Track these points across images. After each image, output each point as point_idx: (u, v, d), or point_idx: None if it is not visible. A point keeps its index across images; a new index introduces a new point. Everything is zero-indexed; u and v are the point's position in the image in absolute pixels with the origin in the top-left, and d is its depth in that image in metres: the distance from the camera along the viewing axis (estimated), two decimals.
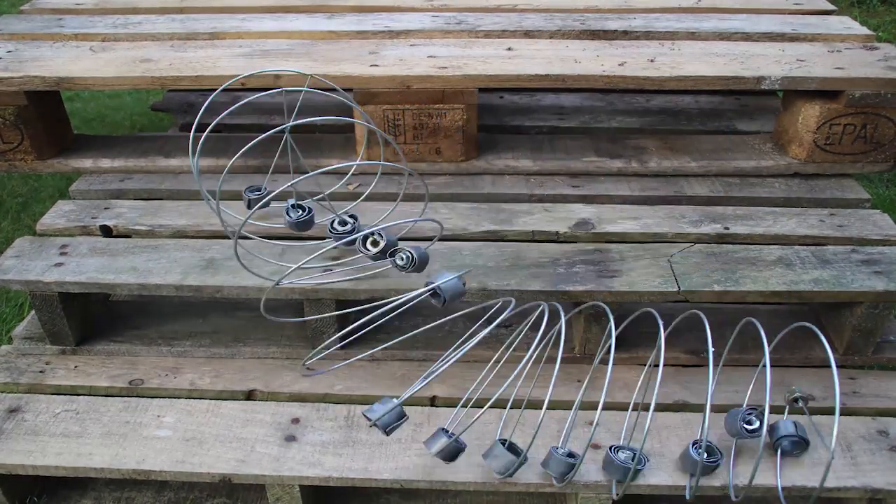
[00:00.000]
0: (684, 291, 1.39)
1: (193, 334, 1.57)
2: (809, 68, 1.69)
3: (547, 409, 1.10)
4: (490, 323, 1.14)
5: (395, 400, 1.15)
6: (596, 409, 1.07)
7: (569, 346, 1.53)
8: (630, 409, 1.30)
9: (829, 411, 1.39)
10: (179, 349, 1.53)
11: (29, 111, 1.73)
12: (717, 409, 1.40)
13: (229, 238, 1.52)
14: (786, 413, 1.32)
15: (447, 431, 1.16)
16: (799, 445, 1.23)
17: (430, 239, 1.48)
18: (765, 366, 1.08)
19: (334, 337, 1.48)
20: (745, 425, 1.23)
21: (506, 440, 1.22)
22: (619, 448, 1.21)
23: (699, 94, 2.30)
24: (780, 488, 1.19)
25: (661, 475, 1.24)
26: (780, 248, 1.51)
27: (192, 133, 1.43)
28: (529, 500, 1.38)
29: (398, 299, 1.24)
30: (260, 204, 1.39)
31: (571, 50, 1.81)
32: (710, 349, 1.08)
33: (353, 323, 1.36)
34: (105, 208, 1.67)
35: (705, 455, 1.17)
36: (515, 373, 1.07)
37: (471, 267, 1.44)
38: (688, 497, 1.17)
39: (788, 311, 1.62)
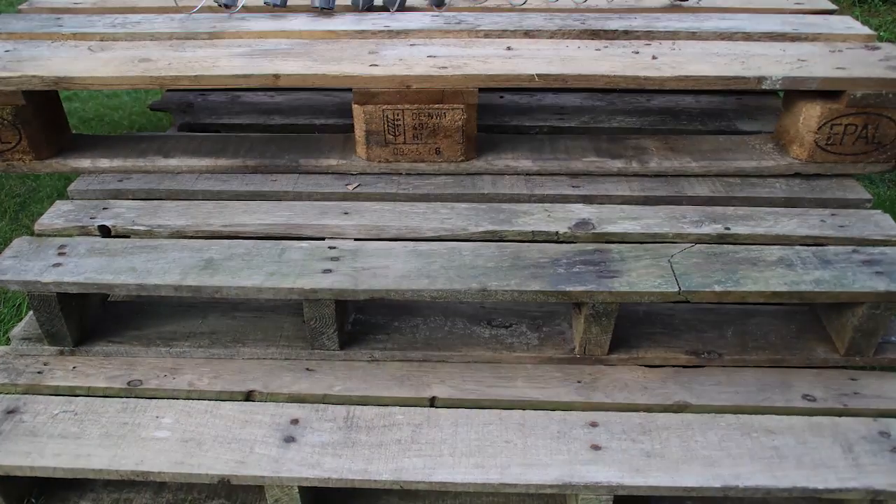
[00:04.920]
0: (685, 292, 1.38)
1: (192, 335, 1.56)
2: (810, 68, 1.69)
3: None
4: None
5: None
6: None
7: (568, 346, 1.53)
8: None
9: (829, 413, 1.38)
10: (178, 350, 1.53)
11: (27, 111, 1.72)
12: (717, 410, 1.40)
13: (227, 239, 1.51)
14: None
15: None
16: None
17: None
18: None
19: None
20: None
21: None
22: None
23: (700, 93, 2.29)
24: None
25: (660, 476, 1.23)
26: (781, 249, 1.51)
27: None
28: (529, 500, 1.37)
29: None
30: None
31: (572, 49, 1.81)
32: None
33: (350, 324, 1.35)
34: (103, 208, 1.67)
35: None
36: None
37: (471, 267, 1.44)
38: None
39: (789, 312, 1.62)
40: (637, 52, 1.78)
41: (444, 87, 1.66)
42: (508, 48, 1.81)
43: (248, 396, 1.44)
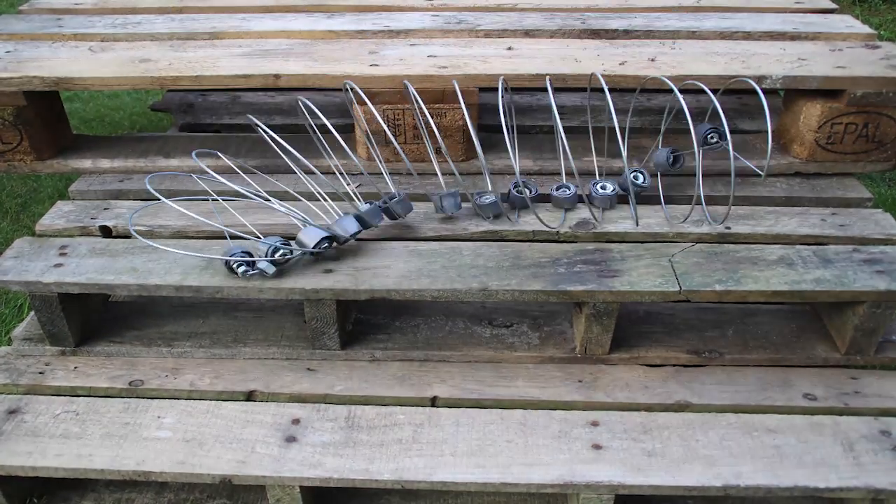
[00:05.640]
0: (686, 291, 1.38)
1: (193, 335, 1.56)
2: (811, 67, 1.69)
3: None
4: None
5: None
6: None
7: (569, 346, 1.53)
8: None
9: (830, 412, 1.38)
10: (179, 350, 1.53)
11: (28, 111, 1.73)
12: (718, 409, 1.40)
13: (225, 238, 1.51)
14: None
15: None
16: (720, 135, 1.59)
17: None
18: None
19: None
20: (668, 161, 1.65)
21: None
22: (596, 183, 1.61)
23: (700, 93, 2.29)
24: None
25: (661, 475, 1.23)
26: (782, 248, 1.51)
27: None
28: (530, 500, 1.37)
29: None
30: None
31: (572, 49, 1.81)
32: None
33: (352, 324, 1.35)
34: (104, 209, 1.67)
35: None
36: None
37: (472, 267, 1.44)
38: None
39: (790, 311, 1.62)
40: (637, 52, 1.78)
41: (445, 86, 1.67)
42: (509, 48, 1.82)
43: (250, 396, 1.45)
